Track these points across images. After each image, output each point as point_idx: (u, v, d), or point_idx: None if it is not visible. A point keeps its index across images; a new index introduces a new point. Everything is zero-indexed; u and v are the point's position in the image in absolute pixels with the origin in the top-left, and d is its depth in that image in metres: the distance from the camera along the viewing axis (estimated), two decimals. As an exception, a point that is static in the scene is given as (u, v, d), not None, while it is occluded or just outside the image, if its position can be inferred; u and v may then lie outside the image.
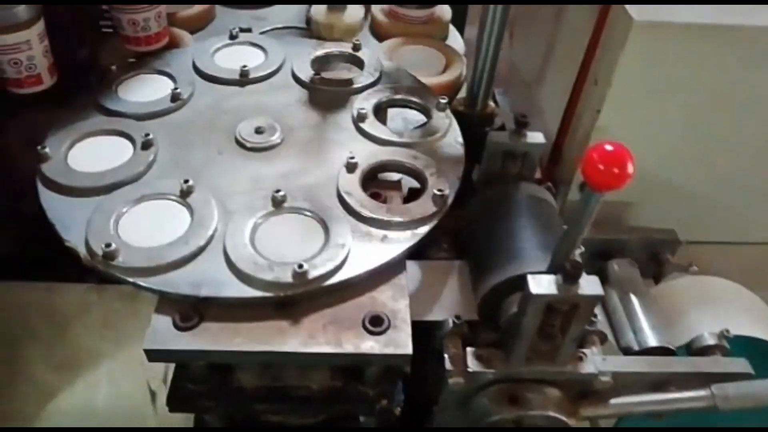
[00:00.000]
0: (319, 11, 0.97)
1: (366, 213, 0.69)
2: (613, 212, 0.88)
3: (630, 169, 0.47)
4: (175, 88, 0.82)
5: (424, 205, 0.70)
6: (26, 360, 0.85)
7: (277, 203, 0.68)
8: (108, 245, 0.61)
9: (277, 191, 0.68)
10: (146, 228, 0.66)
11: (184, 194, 0.68)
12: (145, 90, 0.83)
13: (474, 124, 0.89)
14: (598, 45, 0.80)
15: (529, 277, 0.55)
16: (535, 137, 0.72)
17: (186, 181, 0.68)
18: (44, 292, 0.81)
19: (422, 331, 0.66)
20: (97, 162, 0.72)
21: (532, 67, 1.01)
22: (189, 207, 0.68)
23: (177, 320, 0.60)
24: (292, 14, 1.11)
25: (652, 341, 0.72)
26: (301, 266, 0.61)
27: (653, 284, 0.85)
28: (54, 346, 0.84)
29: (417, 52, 1.04)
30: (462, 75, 0.99)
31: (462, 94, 0.99)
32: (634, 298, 0.78)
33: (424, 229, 0.68)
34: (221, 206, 0.68)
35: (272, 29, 1.07)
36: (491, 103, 0.93)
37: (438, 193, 0.70)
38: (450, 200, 0.71)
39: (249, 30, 1.05)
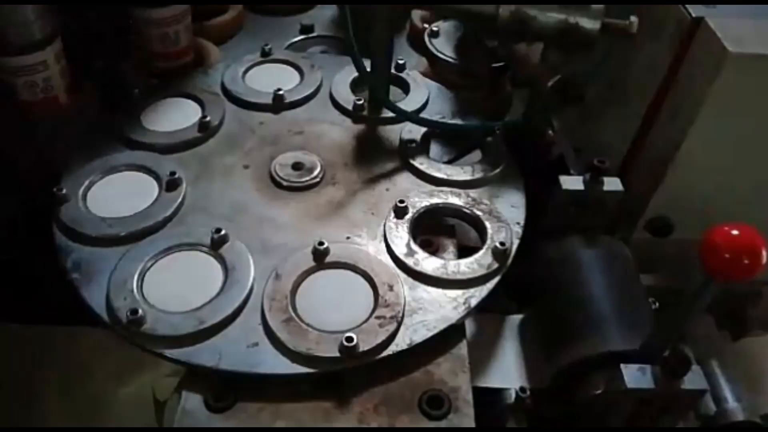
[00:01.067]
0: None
1: (419, 269, 0.61)
2: (686, 255, 0.80)
3: (764, 258, 0.39)
4: (204, 117, 0.74)
5: (485, 260, 0.62)
6: (42, 404, 0.79)
7: (319, 257, 0.61)
8: (134, 312, 0.54)
9: (320, 244, 0.60)
10: (174, 286, 0.58)
11: (216, 245, 0.61)
12: (171, 117, 0.76)
13: (531, 155, 0.81)
14: (675, 77, 0.70)
15: (623, 369, 0.47)
16: (613, 184, 0.64)
17: (218, 231, 0.61)
18: (62, 336, 0.75)
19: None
20: (119, 204, 0.65)
21: (587, 93, 0.91)
22: (221, 260, 0.60)
23: (209, 400, 0.53)
24: (324, 19, 1.03)
25: (739, 415, 0.64)
26: (350, 339, 0.53)
27: (730, 339, 0.76)
28: (71, 392, 0.77)
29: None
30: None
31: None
32: (713, 360, 0.69)
33: (485, 289, 0.61)
34: (257, 259, 0.61)
35: (304, 39, 0.99)
36: (550, 131, 0.84)
37: (500, 247, 0.62)
38: (513, 253, 0.63)
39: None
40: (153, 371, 0.77)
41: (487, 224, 0.65)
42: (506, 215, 0.67)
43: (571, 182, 0.64)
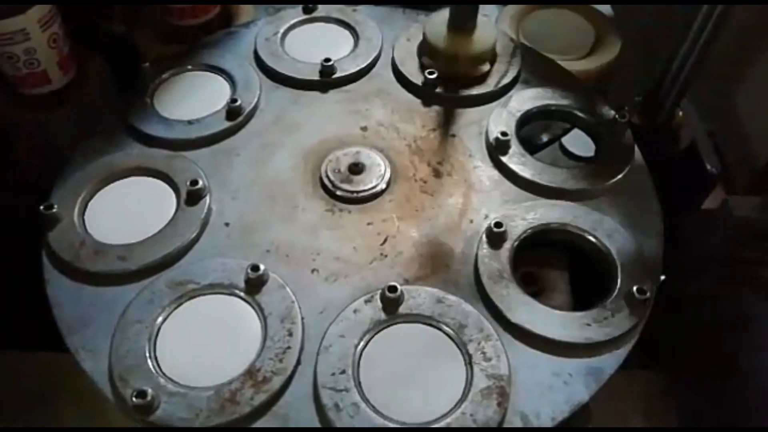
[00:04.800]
0: (437, 33, 0.60)
1: (528, 326, 0.44)
2: None
3: None
4: (233, 100, 0.57)
5: (618, 313, 0.45)
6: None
7: (390, 306, 0.45)
8: (141, 394, 0.40)
9: (392, 290, 0.44)
10: (196, 349, 0.43)
11: (252, 288, 0.46)
12: (192, 99, 0.59)
13: (654, 143, 0.61)
14: None
15: None
16: (804, 208, 0.45)
17: (255, 269, 0.45)
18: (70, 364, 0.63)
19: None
20: (125, 222, 0.50)
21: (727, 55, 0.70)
22: (259, 310, 0.45)
23: None
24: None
25: None
26: (439, 442, 0.38)
27: None
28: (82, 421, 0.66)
29: (554, 19, 0.75)
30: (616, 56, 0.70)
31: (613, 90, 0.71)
32: None
33: (618, 356, 0.44)
34: (306, 307, 0.45)
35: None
36: (679, 111, 0.64)
37: (639, 296, 0.45)
38: (652, 302, 0.46)
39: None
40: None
41: (616, 257, 0.48)
42: (640, 244, 0.49)
43: (742, 206, 0.45)
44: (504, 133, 0.55)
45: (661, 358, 0.53)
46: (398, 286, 0.44)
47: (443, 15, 0.59)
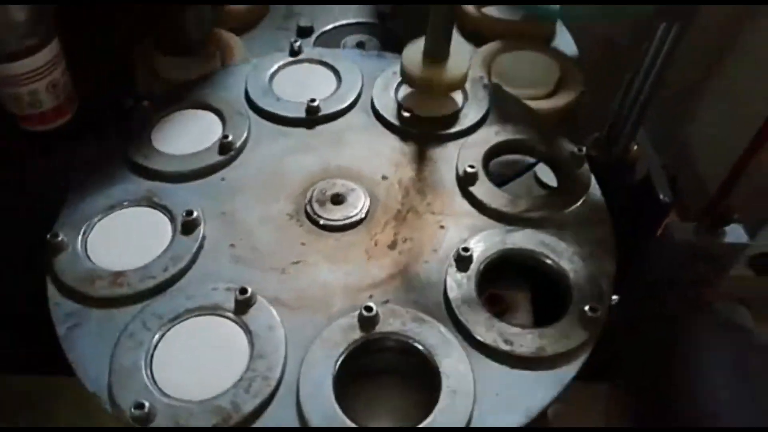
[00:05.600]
0: (413, 61, 0.65)
1: (492, 343, 0.49)
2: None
3: None
4: (225, 136, 0.62)
5: (571, 329, 0.50)
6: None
7: (366, 324, 0.49)
8: (139, 406, 0.44)
9: (368, 309, 0.49)
10: (189, 363, 0.48)
11: (240, 308, 0.50)
12: (187, 135, 0.64)
13: (610, 175, 0.67)
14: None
15: None
16: (736, 234, 0.50)
17: (243, 292, 0.50)
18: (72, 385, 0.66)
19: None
20: (125, 250, 0.54)
21: (682, 91, 0.76)
22: (246, 329, 0.49)
23: None
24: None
25: None
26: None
27: None
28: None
29: (522, 59, 0.81)
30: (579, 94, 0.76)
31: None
32: None
33: (574, 368, 0.49)
34: (290, 326, 0.50)
35: (337, 27, 0.86)
36: (635, 146, 0.70)
37: (591, 314, 0.50)
38: (604, 319, 0.51)
39: (311, 29, 0.85)
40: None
41: (572, 278, 0.53)
42: (593, 266, 0.54)
43: (684, 231, 0.51)
44: (472, 166, 0.60)
45: (618, 374, 0.57)
46: (374, 306, 0.49)
47: (419, 44, 0.64)
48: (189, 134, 0.64)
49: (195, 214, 0.55)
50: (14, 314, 0.65)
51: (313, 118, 0.66)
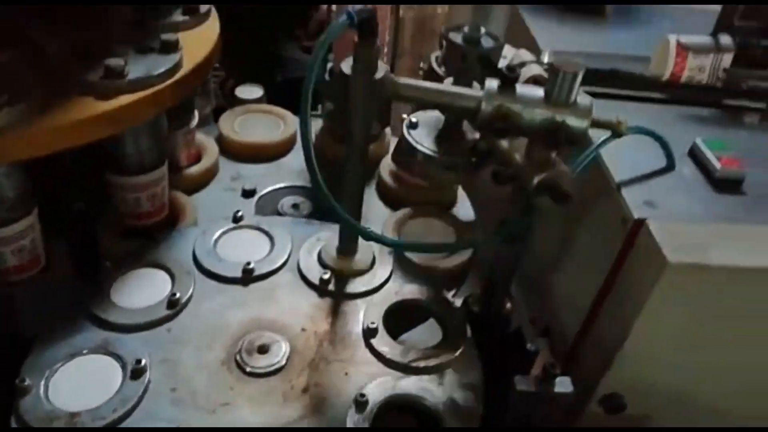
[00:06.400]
0: (329, 254, 0.83)
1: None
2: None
3: None
4: (173, 294, 0.76)
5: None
6: None
7: (279, 459, 0.61)
8: None
9: (281, 444, 0.61)
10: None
11: None
12: (141, 291, 0.77)
13: (489, 327, 0.84)
14: (623, 266, 0.75)
15: None
16: (564, 384, 0.67)
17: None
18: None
19: None
20: (82, 392, 0.65)
21: (549, 253, 0.96)
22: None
23: None
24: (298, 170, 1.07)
25: None
26: None
27: None
28: None
29: (425, 226, 0.99)
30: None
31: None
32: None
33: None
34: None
35: (276, 189, 1.03)
36: (508, 303, 0.88)
37: (459, 450, 0.63)
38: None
39: (253, 191, 1.02)
40: None
41: (446, 419, 0.67)
42: (465, 406, 0.69)
43: (524, 382, 0.67)
44: (372, 322, 0.76)
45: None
46: (286, 443, 0.62)
47: (335, 239, 0.82)
48: (142, 290, 0.77)
49: (143, 362, 0.68)
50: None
51: (248, 277, 0.81)
